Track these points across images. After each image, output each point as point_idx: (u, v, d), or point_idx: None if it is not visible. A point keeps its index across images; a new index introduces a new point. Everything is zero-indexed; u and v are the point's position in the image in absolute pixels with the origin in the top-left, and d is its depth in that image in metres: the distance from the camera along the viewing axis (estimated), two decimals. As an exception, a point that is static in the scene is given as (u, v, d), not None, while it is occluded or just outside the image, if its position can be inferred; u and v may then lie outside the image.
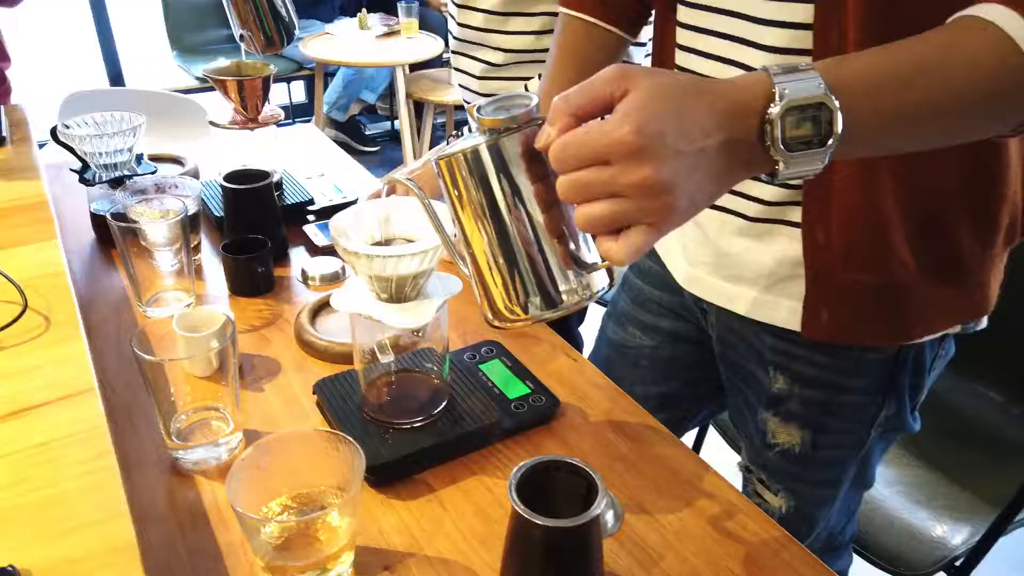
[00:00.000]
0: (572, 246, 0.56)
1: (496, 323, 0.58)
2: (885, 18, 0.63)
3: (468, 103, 1.31)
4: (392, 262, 0.66)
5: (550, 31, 1.14)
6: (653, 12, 0.92)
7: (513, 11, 1.14)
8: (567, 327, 1.39)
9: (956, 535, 1.13)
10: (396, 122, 4.28)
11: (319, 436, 0.63)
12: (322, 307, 0.98)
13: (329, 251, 1.14)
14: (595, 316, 1.23)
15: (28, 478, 0.58)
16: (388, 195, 1.17)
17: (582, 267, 0.56)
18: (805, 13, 0.66)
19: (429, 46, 3.33)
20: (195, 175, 1.35)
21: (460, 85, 1.30)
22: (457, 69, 1.29)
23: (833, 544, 0.96)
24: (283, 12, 1.17)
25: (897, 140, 0.55)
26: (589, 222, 0.50)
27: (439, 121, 3.99)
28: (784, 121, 0.49)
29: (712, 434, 1.42)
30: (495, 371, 0.85)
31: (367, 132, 4.13)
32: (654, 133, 0.46)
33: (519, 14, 1.14)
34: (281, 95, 4.24)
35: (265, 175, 1.08)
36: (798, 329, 0.78)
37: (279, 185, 1.22)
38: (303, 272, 1.08)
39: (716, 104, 0.49)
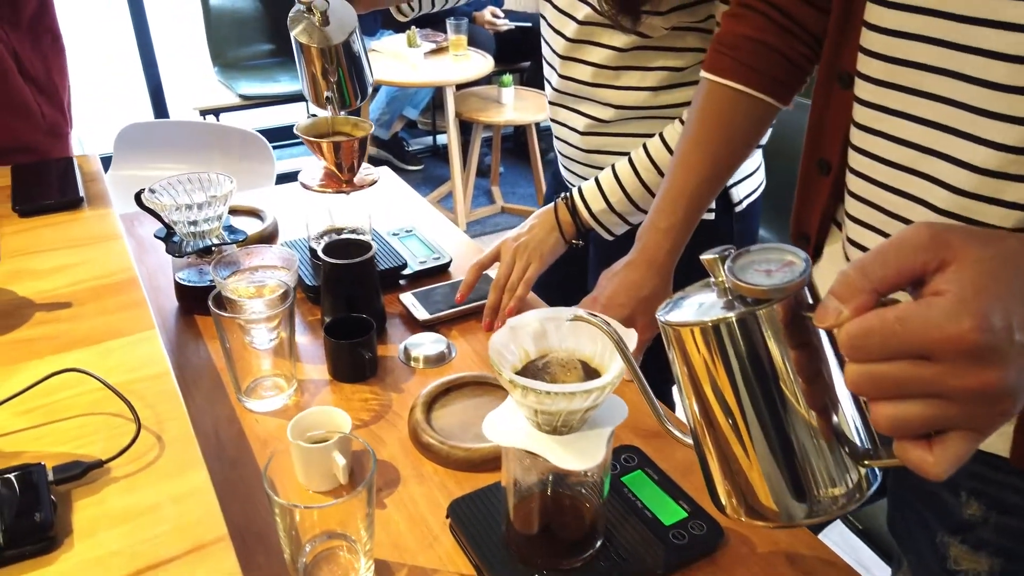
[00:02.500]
0: (838, 427, 0.47)
1: (731, 515, 0.49)
2: None
3: (563, 155, 1.22)
4: (564, 399, 0.58)
5: (668, 87, 1.05)
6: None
7: (628, 65, 1.05)
8: (665, 391, 1.30)
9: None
10: (438, 137, 4.21)
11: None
12: (435, 398, 0.90)
13: (430, 326, 1.06)
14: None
15: (169, 667, 0.51)
16: (491, 260, 1.09)
17: (854, 456, 0.47)
18: None
19: (479, 64, 3.26)
20: (275, 230, 1.28)
21: (558, 138, 1.21)
22: (555, 121, 1.20)
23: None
24: (366, 66, 1.09)
25: None
26: (895, 425, 0.41)
27: (485, 135, 3.91)
28: None
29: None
30: (642, 487, 0.76)
31: (409, 149, 4.06)
32: (1000, 328, 0.37)
33: (634, 68, 1.05)
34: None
35: (366, 246, 1.00)
36: (1004, 455, 0.68)
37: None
38: (406, 352, 1.00)
39: None
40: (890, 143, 0.70)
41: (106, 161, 1.43)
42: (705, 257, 0.49)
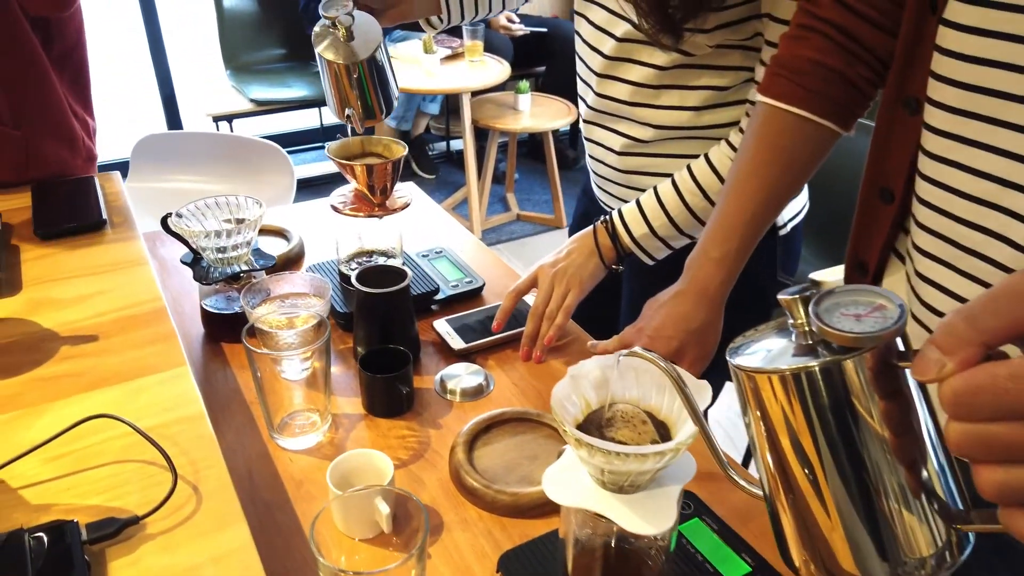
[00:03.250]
0: (928, 485, 0.44)
1: None
2: None
3: (598, 175, 1.17)
4: (636, 461, 0.54)
5: (711, 107, 1.01)
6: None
7: (668, 84, 1.01)
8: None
9: None
10: (452, 143, 4.17)
11: None
12: (476, 436, 0.86)
13: (464, 355, 1.02)
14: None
15: None
16: (528, 287, 1.05)
17: (946, 518, 0.43)
18: None
19: (495, 71, 3.22)
20: (300, 251, 1.25)
21: (592, 157, 1.17)
22: (590, 140, 1.16)
23: None
24: (391, 79, 1.05)
25: None
26: (1003, 492, 0.37)
27: (501, 140, 3.87)
28: None
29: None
30: (702, 538, 0.72)
31: (431, 153, 4.01)
32: None
33: (675, 87, 1.01)
34: (336, 116, 4.14)
35: (400, 274, 0.96)
36: None
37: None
38: (442, 383, 0.96)
39: None
40: (965, 174, 0.66)
41: (119, 167, 1.39)
42: (783, 297, 0.45)
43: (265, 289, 0.96)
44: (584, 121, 1.16)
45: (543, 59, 3.91)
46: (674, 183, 1.01)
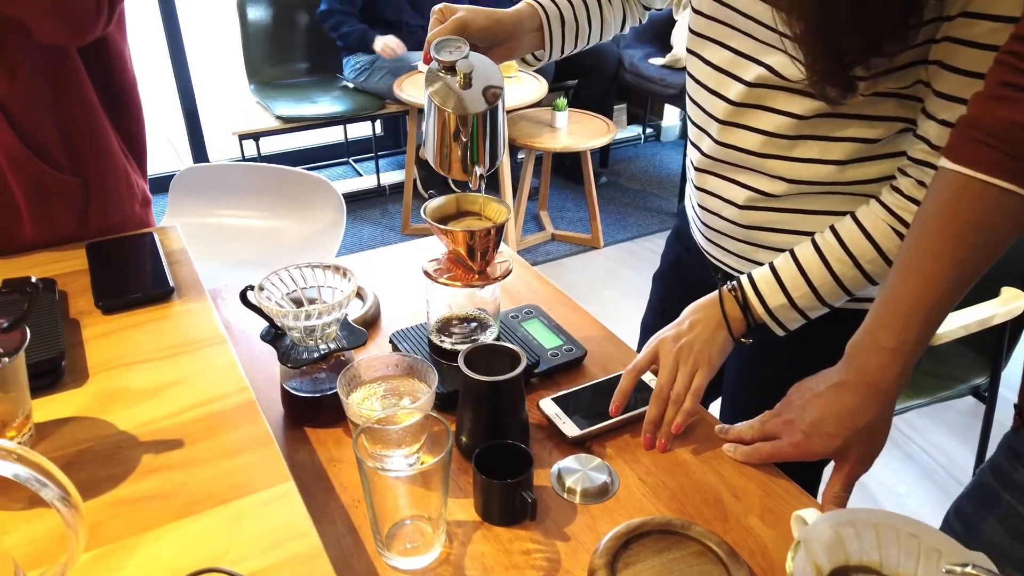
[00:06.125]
0: None
1: None
2: None
3: (709, 228, 1.05)
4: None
5: (858, 160, 0.90)
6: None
7: (807, 135, 0.90)
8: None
9: None
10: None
11: None
12: (616, 553, 0.75)
13: (580, 442, 0.90)
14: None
15: None
16: (648, 363, 0.94)
17: None
18: None
19: (532, 88, 3.11)
20: (377, 312, 1.14)
21: (703, 207, 1.05)
22: (701, 189, 1.04)
23: None
24: (501, 128, 0.94)
25: None
26: None
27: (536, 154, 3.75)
28: None
29: None
30: None
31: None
32: None
33: (816, 138, 0.89)
34: (365, 129, 4.06)
35: (513, 356, 0.85)
36: None
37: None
38: (559, 478, 0.85)
39: None
40: None
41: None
42: None
43: (358, 374, 0.85)
44: (696, 168, 1.04)
45: (575, 74, 3.80)
46: (817, 248, 0.89)
